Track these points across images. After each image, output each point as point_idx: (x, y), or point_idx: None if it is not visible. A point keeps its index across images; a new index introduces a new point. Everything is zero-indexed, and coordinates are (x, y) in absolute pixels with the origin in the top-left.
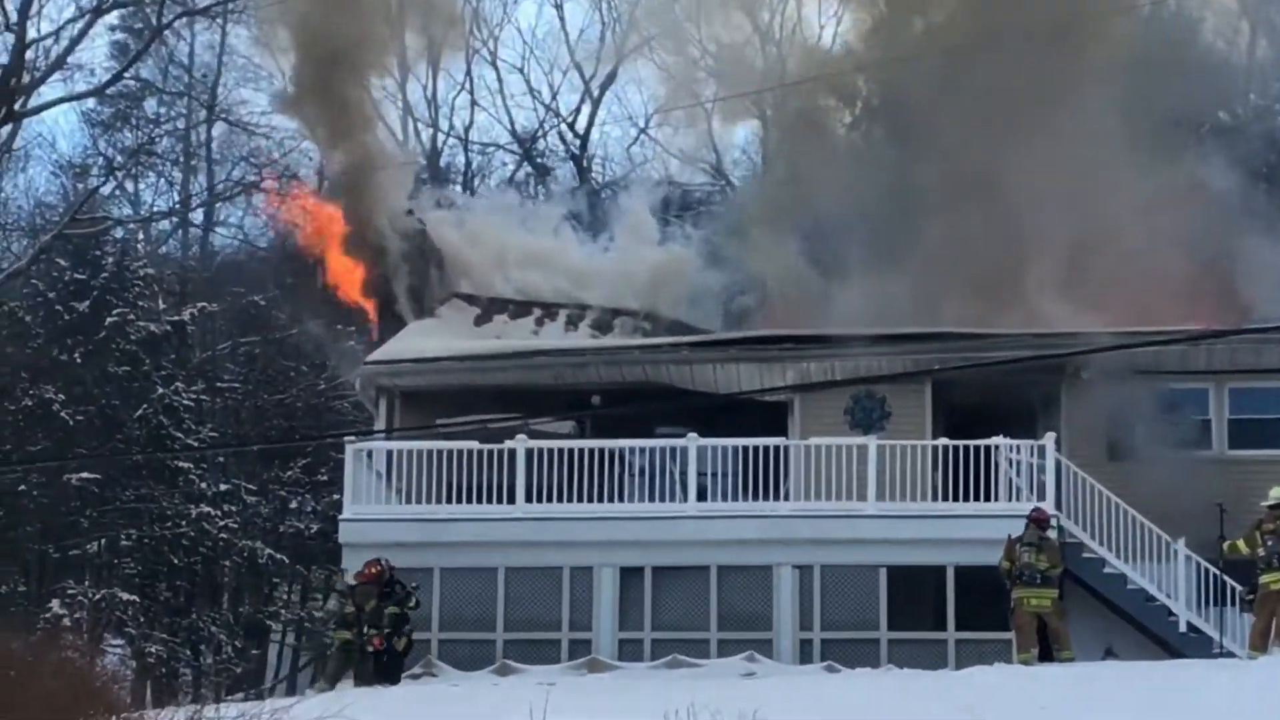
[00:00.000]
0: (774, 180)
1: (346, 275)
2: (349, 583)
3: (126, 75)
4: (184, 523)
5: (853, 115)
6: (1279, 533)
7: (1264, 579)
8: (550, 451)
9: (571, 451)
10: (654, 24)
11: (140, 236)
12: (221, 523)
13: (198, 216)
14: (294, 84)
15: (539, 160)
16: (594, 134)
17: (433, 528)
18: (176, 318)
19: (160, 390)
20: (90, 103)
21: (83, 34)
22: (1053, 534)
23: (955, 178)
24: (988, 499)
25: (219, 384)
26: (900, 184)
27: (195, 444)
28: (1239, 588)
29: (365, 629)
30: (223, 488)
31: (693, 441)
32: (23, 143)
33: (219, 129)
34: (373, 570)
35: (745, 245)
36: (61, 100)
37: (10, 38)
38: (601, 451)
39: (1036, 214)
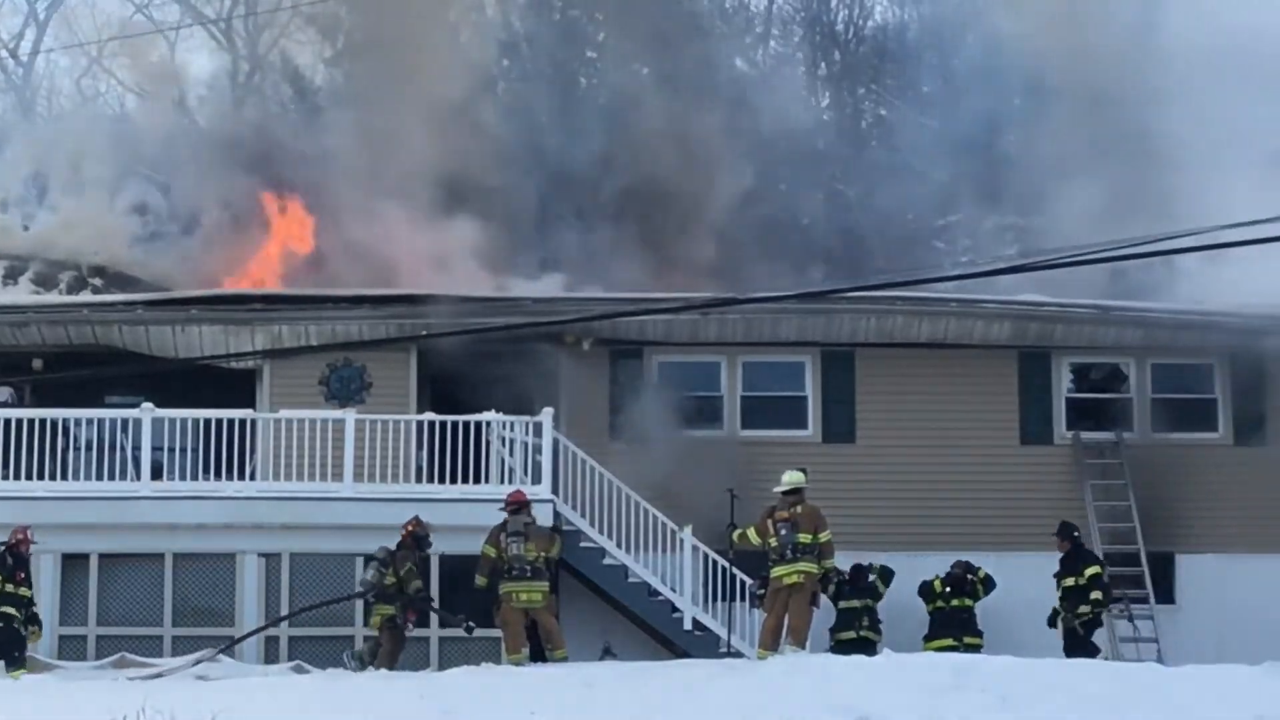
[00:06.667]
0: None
1: None
2: (388, 548)
3: None
4: None
5: (334, 50)
6: (793, 521)
7: (776, 571)
8: None
9: (8, 422)
10: None
11: None
12: None
13: None
14: None
15: None
16: (40, 63)
17: None
18: None
19: None
20: None
21: None
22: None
23: None
24: (478, 481)
25: None
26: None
27: None
28: (749, 581)
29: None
30: None
31: (147, 412)
32: None
33: None
34: (410, 529)
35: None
36: None
37: None
38: (43, 422)
39: None
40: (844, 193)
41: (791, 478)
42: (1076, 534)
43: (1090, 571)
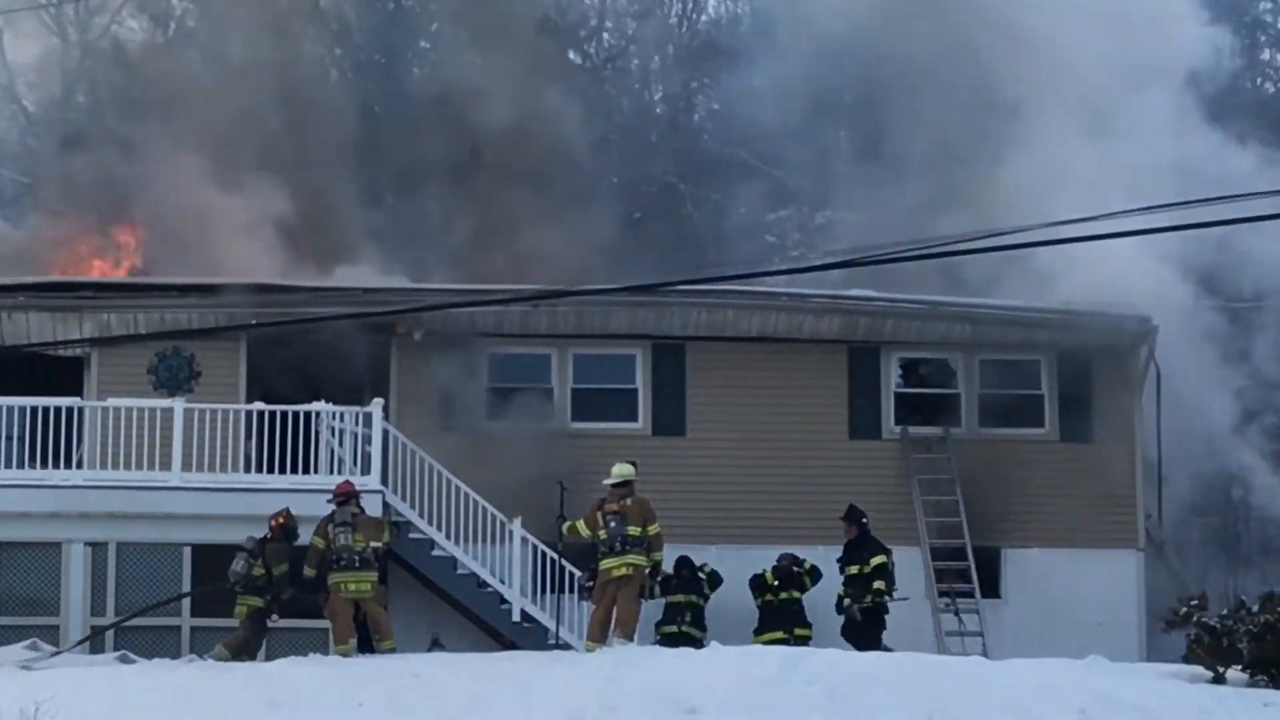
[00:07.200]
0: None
1: None
2: (256, 538)
3: None
4: None
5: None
6: (622, 514)
7: (604, 564)
8: None
9: None
10: None
11: None
12: None
13: None
14: None
15: None
16: None
17: None
18: None
19: None
20: None
21: None
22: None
23: None
24: (307, 471)
25: None
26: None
27: None
28: (578, 573)
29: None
30: None
31: None
32: None
33: None
34: (280, 521)
35: None
36: None
37: None
38: None
39: None
40: (676, 186)
41: (621, 470)
42: (865, 520)
43: (876, 561)
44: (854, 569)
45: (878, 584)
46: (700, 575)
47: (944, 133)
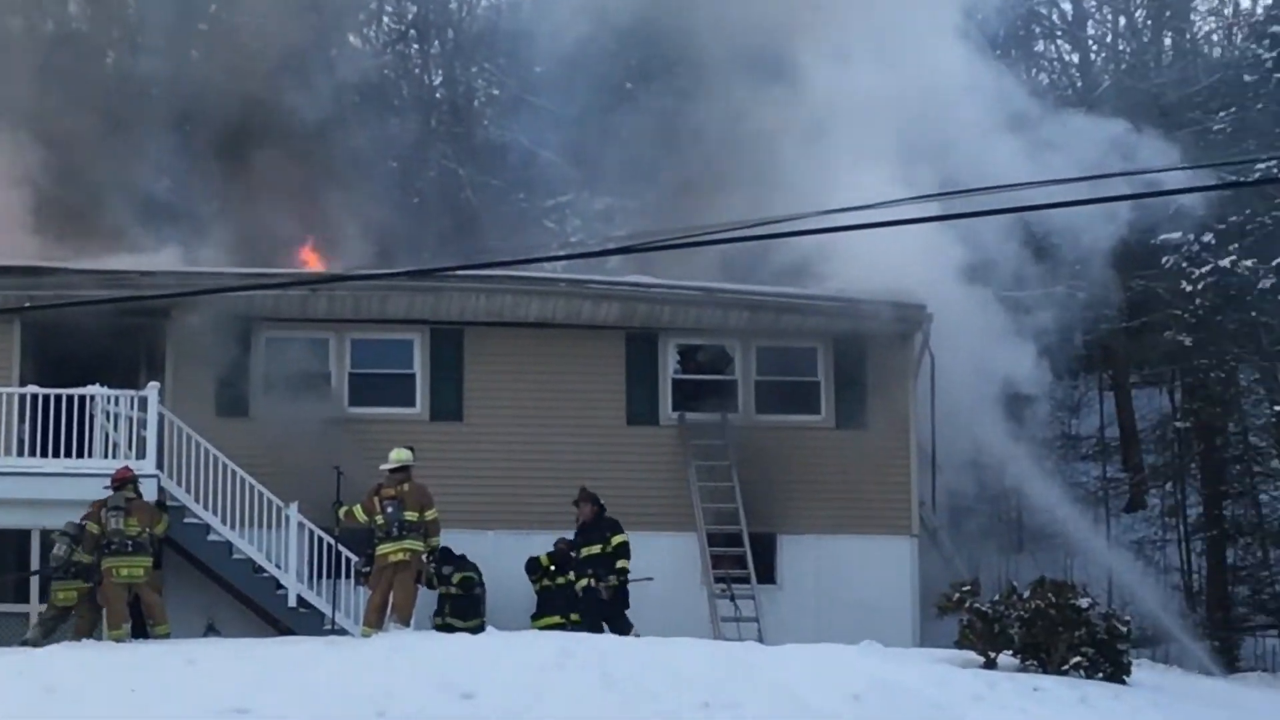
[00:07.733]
0: None
1: None
2: (76, 523)
3: None
4: None
5: None
6: (400, 499)
7: (381, 549)
8: None
9: None
10: None
11: None
12: None
13: None
14: None
15: None
16: None
17: None
18: None
19: None
20: None
21: None
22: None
23: None
24: (81, 455)
25: None
26: None
27: None
28: (355, 558)
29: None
30: None
31: None
32: None
33: None
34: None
35: None
36: None
37: None
38: None
39: None
40: (455, 171)
41: (398, 455)
42: (601, 501)
43: (617, 540)
44: (595, 549)
45: (622, 563)
46: (456, 577)
47: (725, 106)
